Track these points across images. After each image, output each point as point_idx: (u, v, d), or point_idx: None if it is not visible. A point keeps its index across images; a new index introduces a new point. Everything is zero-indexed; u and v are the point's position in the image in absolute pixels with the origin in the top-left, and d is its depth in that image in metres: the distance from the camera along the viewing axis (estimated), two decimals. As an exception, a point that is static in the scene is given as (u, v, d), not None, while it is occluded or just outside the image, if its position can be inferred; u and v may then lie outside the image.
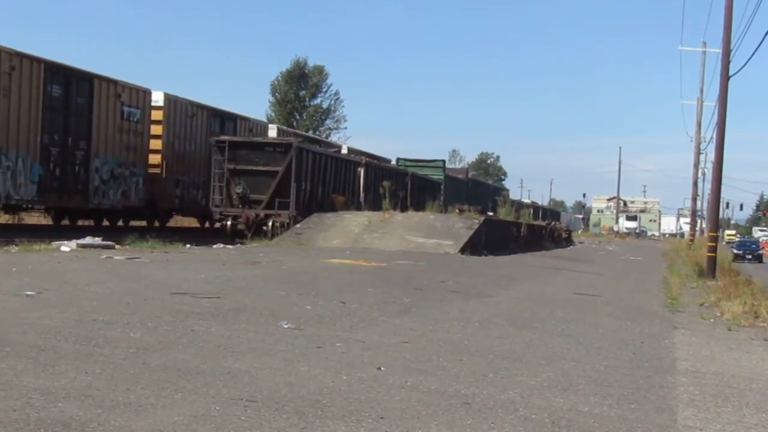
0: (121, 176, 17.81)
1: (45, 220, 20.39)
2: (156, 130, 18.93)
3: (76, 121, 17.12)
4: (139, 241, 13.62)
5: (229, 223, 18.50)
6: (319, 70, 55.65)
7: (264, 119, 27.82)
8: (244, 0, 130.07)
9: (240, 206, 18.55)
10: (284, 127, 26.41)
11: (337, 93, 57.66)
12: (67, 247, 11.72)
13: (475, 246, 17.56)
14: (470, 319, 7.66)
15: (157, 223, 20.64)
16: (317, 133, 49.72)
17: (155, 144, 18.82)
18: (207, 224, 22.96)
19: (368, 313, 7.51)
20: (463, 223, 18.87)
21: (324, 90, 56.85)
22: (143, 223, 21.35)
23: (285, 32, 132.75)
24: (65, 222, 19.45)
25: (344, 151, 29.48)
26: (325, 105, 56.50)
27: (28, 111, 15.64)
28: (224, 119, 23.20)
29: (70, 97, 17.02)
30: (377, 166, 26.64)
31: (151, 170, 19.02)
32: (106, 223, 20.06)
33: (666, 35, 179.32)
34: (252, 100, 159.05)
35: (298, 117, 53.72)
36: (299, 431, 3.39)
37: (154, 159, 18.84)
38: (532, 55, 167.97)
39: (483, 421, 3.76)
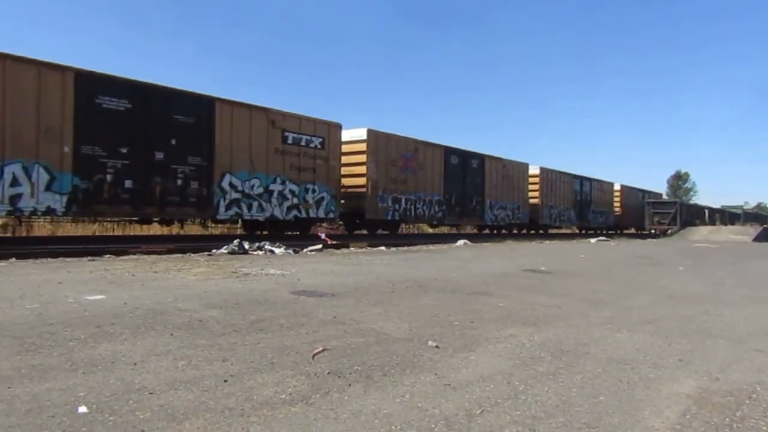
0: (290, 193, 17.02)
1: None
2: (360, 158, 19.60)
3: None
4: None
5: (653, 231, 38.18)
6: (687, 174, 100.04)
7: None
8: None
9: (658, 224, 38.42)
10: (626, 185, 41.58)
11: (694, 182, 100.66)
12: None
13: (758, 239, 31.87)
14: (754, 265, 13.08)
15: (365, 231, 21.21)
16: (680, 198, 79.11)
17: (360, 170, 19.60)
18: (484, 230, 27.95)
19: (714, 263, 13.48)
20: (753, 229, 35.60)
21: (688, 180, 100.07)
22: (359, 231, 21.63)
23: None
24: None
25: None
26: (689, 186, 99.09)
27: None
28: (465, 157, 24.33)
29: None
30: (712, 208, 47.50)
31: (357, 189, 19.60)
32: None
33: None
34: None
35: (677, 193, 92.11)
36: (692, 307, 6.40)
37: (360, 181, 19.62)
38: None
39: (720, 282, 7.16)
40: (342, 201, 19.14)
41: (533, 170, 29.93)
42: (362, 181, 19.62)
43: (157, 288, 6.02)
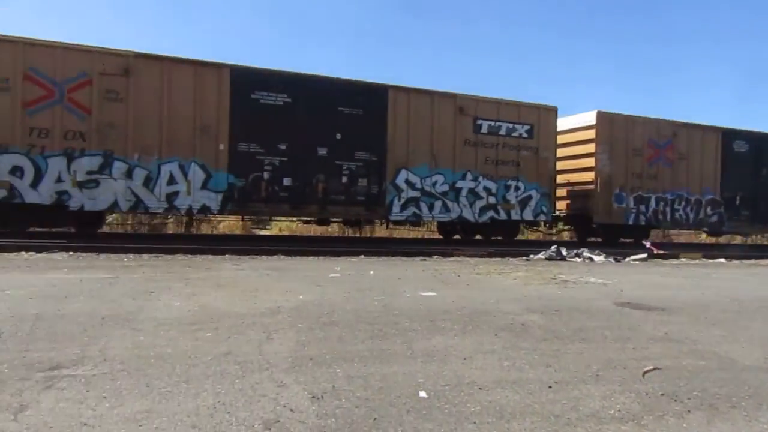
0: (484, 191, 14.85)
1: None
2: (586, 149, 16.32)
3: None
4: None
5: None
6: None
7: None
8: None
9: None
10: None
11: None
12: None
13: None
14: None
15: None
16: None
17: (587, 162, 16.23)
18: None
19: None
20: None
21: None
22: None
23: None
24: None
25: None
26: None
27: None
28: (759, 142, 18.63)
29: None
30: None
31: (583, 187, 16.40)
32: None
33: None
34: None
35: None
36: None
37: (586, 176, 16.28)
38: None
39: None
40: (567, 201, 16.67)
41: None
42: (589, 176, 16.27)
43: (480, 289, 6.35)
